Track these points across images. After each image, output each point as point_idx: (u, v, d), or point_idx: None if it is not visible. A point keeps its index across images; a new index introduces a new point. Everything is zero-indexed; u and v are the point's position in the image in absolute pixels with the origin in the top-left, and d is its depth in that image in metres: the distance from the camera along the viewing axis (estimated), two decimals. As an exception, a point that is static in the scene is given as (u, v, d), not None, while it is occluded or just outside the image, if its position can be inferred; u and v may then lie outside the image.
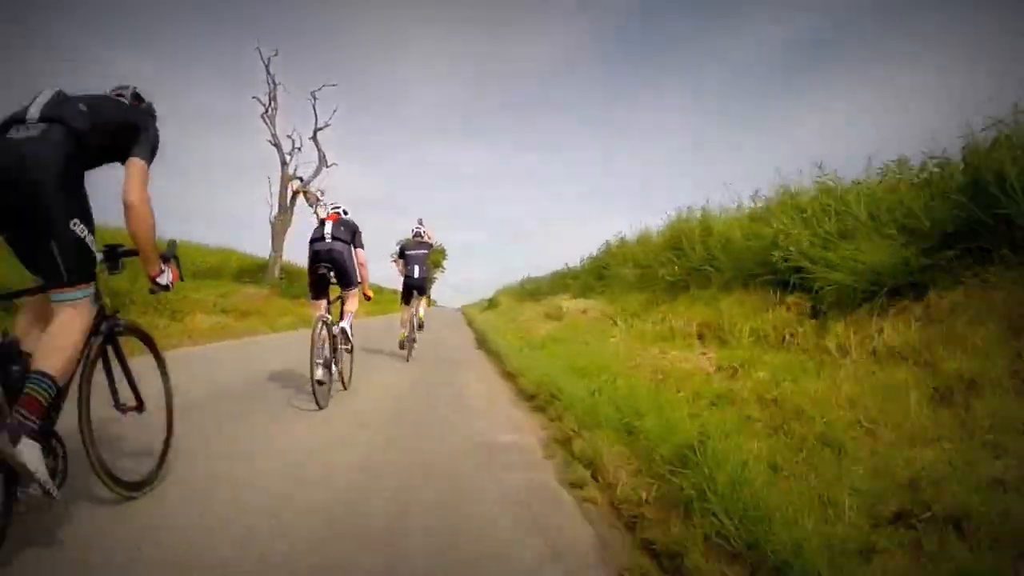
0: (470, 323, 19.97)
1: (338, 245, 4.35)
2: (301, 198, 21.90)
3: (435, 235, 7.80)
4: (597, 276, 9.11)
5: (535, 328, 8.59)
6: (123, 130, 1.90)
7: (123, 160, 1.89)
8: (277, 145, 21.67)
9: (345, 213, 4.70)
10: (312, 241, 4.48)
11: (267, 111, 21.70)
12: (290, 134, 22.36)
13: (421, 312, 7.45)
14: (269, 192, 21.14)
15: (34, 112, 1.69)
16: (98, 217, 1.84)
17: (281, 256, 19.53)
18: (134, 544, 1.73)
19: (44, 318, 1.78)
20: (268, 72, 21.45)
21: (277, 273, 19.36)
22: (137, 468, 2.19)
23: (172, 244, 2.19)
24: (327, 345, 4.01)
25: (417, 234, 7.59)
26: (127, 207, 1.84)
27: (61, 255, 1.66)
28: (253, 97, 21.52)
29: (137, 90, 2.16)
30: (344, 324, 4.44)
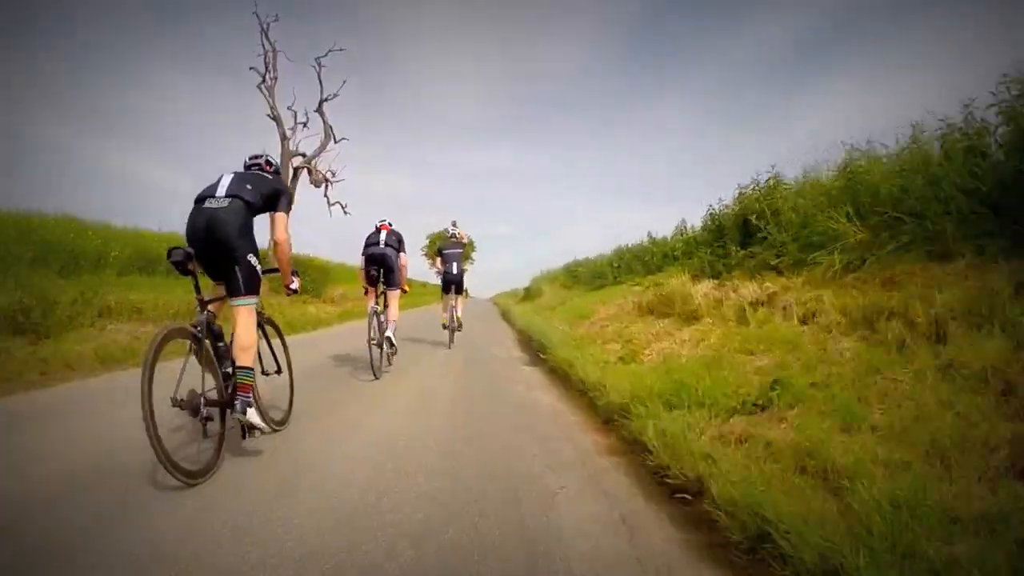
0: (505, 316, 15.97)
1: (389, 251, 5.06)
2: (304, 179, 18.25)
3: (466, 234, 8.13)
4: (739, 242, 5.02)
5: (642, 336, 4.58)
6: (271, 196, 2.73)
7: (272, 211, 2.75)
8: (276, 118, 17.98)
9: (392, 225, 5.32)
10: (368, 245, 5.18)
11: (264, 80, 18.03)
12: (291, 105, 18.62)
13: (459, 315, 7.61)
14: (266, 171, 17.49)
15: (221, 191, 2.56)
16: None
17: (282, 245, 15.85)
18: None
19: (223, 311, 2.68)
20: (266, 37, 17.74)
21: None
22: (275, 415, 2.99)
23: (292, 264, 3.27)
24: (377, 330, 4.74)
25: (452, 235, 7.87)
26: (276, 244, 2.79)
27: (242, 278, 2.54)
28: (251, 68, 17.95)
29: (268, 157, 3.00)
30: (389, 333, 4.95)
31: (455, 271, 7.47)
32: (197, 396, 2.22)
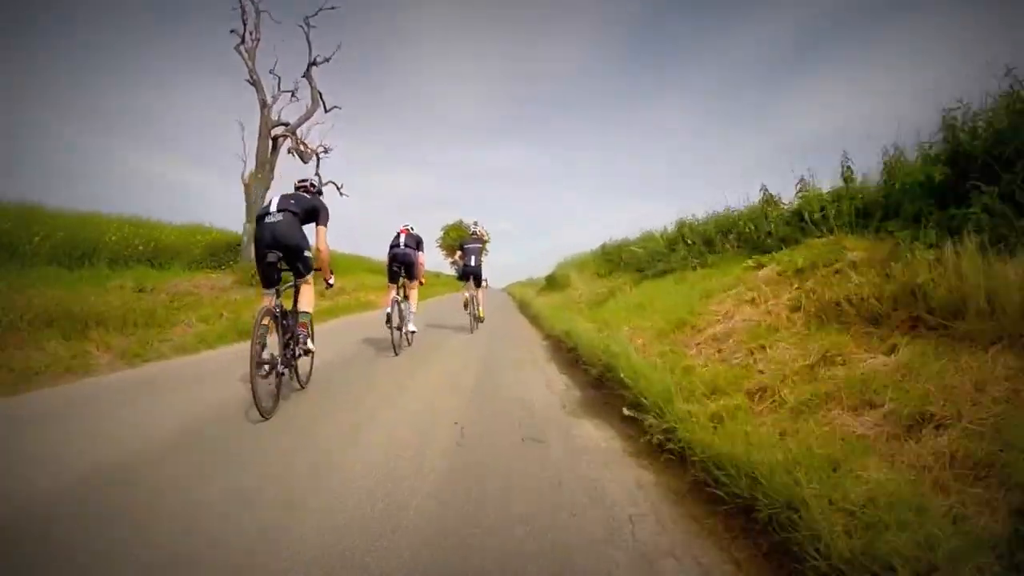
0: (524, 310, 13.06)
1: (408, 251, 6.15)
2: (285, 152, 15.29)
3: (486, 232, 8.79)
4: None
5: (962, 405, 1.69)
6: (311, 211, 3.68)
7: (314, 223, 3.72)
8: (255, 83, 15.00)
9: (412, 229, 6.34)
10: (392, 247, 6.20)
11: (244, 42, 15.05)
12: (273, 69, 15.63)
13: (481, 310, 8.43)
14: (243, 143, 14.72)
15: (274, 208, 3.52)
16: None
17: (259, 230, 13.01)
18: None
19: (289, 298, 3.76)
20: (246, -7, 14.72)
21: (252, 253, 12.66)
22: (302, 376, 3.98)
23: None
24: (397, 315, 5.79)
25: (473, 232, 8.88)
26: (318, 250, 3.72)
27: (303, 266, 3.59)
28: (231, 31, 15.03)
29: (312, 180, 4.02)
30: (410, 326, 6.13)
31: (473, 263, 8.20)
32: (275, 358, 3.21)
